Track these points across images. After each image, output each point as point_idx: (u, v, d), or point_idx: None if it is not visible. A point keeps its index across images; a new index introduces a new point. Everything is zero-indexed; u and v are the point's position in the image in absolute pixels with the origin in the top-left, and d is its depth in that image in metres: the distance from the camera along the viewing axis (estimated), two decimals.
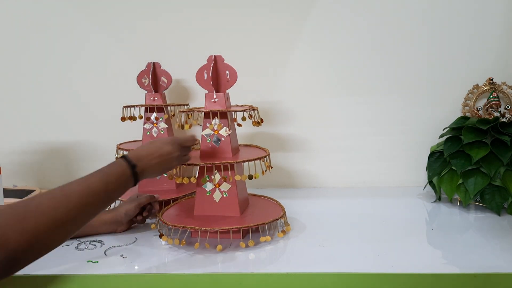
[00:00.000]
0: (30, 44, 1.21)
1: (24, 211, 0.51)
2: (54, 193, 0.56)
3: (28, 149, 1.25)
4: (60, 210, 0.54)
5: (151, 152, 0.70)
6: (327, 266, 0.68)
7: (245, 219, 0.80)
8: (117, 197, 0.64)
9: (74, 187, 0.58)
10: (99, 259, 0.72)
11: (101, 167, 0.63)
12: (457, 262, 0.69)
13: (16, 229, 0.49)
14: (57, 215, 0.53)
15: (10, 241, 0.49)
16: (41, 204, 0.53)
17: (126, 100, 1.04)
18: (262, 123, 0.89)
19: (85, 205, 0.57)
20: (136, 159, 0.67)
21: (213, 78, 0.83)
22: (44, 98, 1.23)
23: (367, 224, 0.88)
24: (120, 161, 0.66)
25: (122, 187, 0.64)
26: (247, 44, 1.15)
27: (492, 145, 0.93)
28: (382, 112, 1.15)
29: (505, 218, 0.89)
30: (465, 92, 1.10)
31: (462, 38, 1.10)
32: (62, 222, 0.54)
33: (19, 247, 0.49)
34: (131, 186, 0.66)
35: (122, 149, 0.96)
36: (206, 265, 0.69)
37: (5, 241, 0.48)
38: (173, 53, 1.16)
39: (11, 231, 0.49)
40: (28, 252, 0.51)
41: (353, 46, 1.13)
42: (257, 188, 1.17)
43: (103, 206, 0.61)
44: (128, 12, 1.17)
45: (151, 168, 0.69)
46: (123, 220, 0.84)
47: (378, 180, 1.18)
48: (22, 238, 0.50)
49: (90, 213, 0.59)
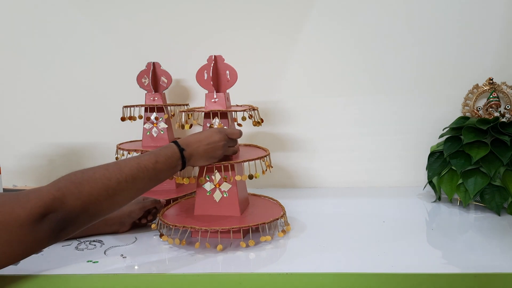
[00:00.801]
0: (30, 44, 1.21)
1: (81, 178, 0.58)
2: (109, 165, 0.62)
3: (28, 149, 1.26)
4: (113, 180, 0.59)
5: (200, 139, 0.74)
6: (327, 266, 0.68)
7: (245, 219, 0.80)
8: (165, 176, 0.69)
9: (127, 161, 0.64)
10: (99, 259, 0.72)
11: None
12: (457, 262, 0.69)
13: (74, 192, 0.55)
14: (110, 184, 0.59)
15: (68, 203, 0.55)
16: (96, 173, 0.59)
17: (126, 100, 1.04)
18: (262, 123, 0.89)
19: (135, 179, 0.62)
20: (185, 145, 0.72)
21: (213, 78, 0.83)
22: (44, 98, 1.23)
23: (367, 224, 0.88)
24: (171, 144, 0.71)
25: (171, 168, 0.69)
26: (247, 44, 1.15)
27: (492, 145, 0.93)
28: (382, 112, 1.15)
29: (505, 218, 0.89)
30: (465, 92, 1.10)
31: (462, 38, 1.10)
32: (113, 191, 0.59)
33: (75, 208, 0.55)
34: (179, 169, 0.71)
35: (122, 149, 0.96)
36: (207, 265, 0.69)
37: (64, 202, 0.54)
38: (173, 53, 1.16)
39: (69, 193, 0.55)
40: (82, 215, 0.57)
41: (353, 46, 1.13)
42: (257, 188, 1.17)
43: (152, 183, 0.66)
44: (128, 12, 1.17)
45: (198, 154, 0.73)
46: (126, 221, 0.84)
47: (378, 180, 1.18)
48: (78, 201, 0.55)
49: (138, 188, 0.64)
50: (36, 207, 0.52)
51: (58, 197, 0.54)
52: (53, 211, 0.53)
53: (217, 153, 0.76)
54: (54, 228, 0.54)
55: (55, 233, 0.55)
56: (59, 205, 0.54)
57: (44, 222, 0.53)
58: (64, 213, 0.54)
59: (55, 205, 0.54)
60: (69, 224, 0.56)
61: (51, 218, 0.53)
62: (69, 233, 0.57)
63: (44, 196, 0.53)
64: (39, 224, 0.52)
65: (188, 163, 0.72)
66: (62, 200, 0.54)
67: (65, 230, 0.56)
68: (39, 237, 0.53)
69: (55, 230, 0.54)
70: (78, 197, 0.55)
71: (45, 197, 0.53)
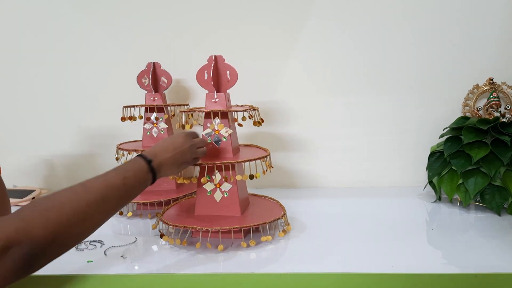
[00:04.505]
0: (30, 45, 1.21)
1: (46, 204, 0.52)
2: (75, 188, 0.56)
3: (28, 149, 1.26)
4: (82, 203, 0.54)
5: (165, 146, 0.72)
6: (328, 266, 0.68)
7: (246, 219, 0.80)
8: (136, 193, 0.65)
9: (93, 181, 0.59)
10: (99, 259, 0.72)
11: (101, 169, 0.63)
12: (457, 262, 0.69)
13: (40, 221, 0.49)
14: (78, 207, 0.54)
15: (34, 233, 0.48)
16: (63, 197, 0.54)
17: (126, 100, 1.04)
18: (262, 123, 0.89)
19: (105, 198, 0.58)
20: (152, 155, 0.69)
21: (214, 78, 0.83)
22: (44, 98, 1.23)
23: (367, 224, 0.88)
24: (137, 158, 0.68)
25: (141, 182, 0.65)
26: (248, 44, 1.15)
27: (492, 145, 0.93)
28: (382, 112, 1.15)
29: (505, 218, 0.89)
30: (465, 92, 1.10)
31: (462, 38, 1.10)
32: (83, 215, 0.54)
33: (42, 239, 0.49)
34: (150, 182, 0.67)
35: (122, 149, 0.96)
36: (208, 265, 0.69)
37: (29, 233, 0.48)
38: (173, 53, 1.16)
39: (35, 222, 0.49)
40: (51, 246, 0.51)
41: (353, 46, 1.13)
42: (257, 188, 1.17)
43: (122, 201, 0.62)
44: (128, 12, 1.17)
45: (167, 162, 0.70)
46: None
47: (378, 180, 1.18)
48: (45, 230, 0.49)
49: (109, 208, 0.59)
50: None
51: (22, 227, 0.47)
52: (17, 244, 0.46)
53: (186, 157, 0.74)
54: (18, 263, 0.47)
55: (20, 269, 0.48)
56: (24, 237, 0.47)
57: (7, 257, 0.46)
58: (30, 246, 0.48)
59: (19, 237, 0.46)
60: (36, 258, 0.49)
61: (14, 252, 0.46)
62: (37, 268, 0.51)
63: (6, 228, 0.46)
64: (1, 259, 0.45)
65: (158, 174, 0.68)
66: (27, 230, 0.47)
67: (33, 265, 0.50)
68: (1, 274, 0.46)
69: (20, 266, 0.47)
70: (45, 225, 0.49)
71: (6, 228, 0.46)
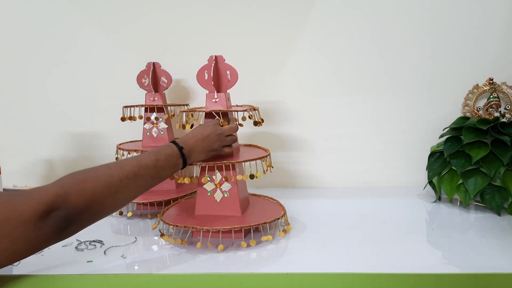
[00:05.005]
0: (30, 45, 1.21)
1: (84, 175, 0.59)
2: (110, 164, 0.63)
3: (28, 149, 1.26)
4: (114, 177, 0.61)
5: (194, 134, 0.77)
6: (328, 266, 0.68)
7: (246, 219, 0.80)
8: (166, 175, 0.71)
9: (128, 160, 0.66)
10: (99, 259, 0.72)
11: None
12: (457, 262, 0.69)
13: (77, 189, 0.56)
14: (112, 181, 0.60)
15: (71, 200, 0.55)
16: (98, 171, 0.61)
17: (126, 100, 1.04)
18: (262, 123, 0.89)
19: (136, 176, 0.64)
20: (183, 143, 0.74)
21: (214, 78, 0.83)
22: (44, 98, 1.23)
23: (367, 224, 0.88)
24: (170, 144, 0.74)
25: (172, 166, 0.71)
26: (248, 44, 1.15)
27: (492, 145, 0.93)
28: (382, 112, 1.15)
29: (505, 218, 0.89)
30: (465, 92, 1.10)
31: (462, 38, 1.10)
32: (115, 188, 0.61)
33: (79, 205, 0.56)
34: (181, 167, 0.73)
35: (122, 149, 0.96)
36: (208, 265, 0.69)
37: (67, 199, 0.55)
38: (173, 53, 1.16)
39: (73, 190, 0.56)
40: (86, 212, 0.57)
41: (353, 46, 1.13)
42: (257, 188, 1.17)
43: (153, 180, 0.68)
44: (128, 12, 1.17)
45: (197, 149, 0.75)
46: None
47: (378, 180, 1.18)
48: (81, 198, 0.56)
49: (140, 185, 0.65)
50: (39, 204, 0.52)
51: (61, 195, 0.54)
52: (57, 208, 0.54)
53: (215, 145, 0.78)
54: (58, 226, 0.54)
55: (58, 231, 0.55)
56: (63, 203, 0.54)
57: (48, 219, 0.53)
58: (67, 211, 0.55)
59: (59, 203, 0.54)
60: (72, 222, 0.56)
61: (54, 215, 0.54)
62: (72, 232, 0.57)
63: (48, 194, 0.54)
64: (43, 221, 0.53)
65: (189, 160, 0.74)
66: (65, 197, 0.54)
67: (68, 228, 0.56)
68: (42, 235, 0.53)
69: (59, 228, 0.55)
70: (81, 194, 0.56)
71: (48, 194, 0.54)
